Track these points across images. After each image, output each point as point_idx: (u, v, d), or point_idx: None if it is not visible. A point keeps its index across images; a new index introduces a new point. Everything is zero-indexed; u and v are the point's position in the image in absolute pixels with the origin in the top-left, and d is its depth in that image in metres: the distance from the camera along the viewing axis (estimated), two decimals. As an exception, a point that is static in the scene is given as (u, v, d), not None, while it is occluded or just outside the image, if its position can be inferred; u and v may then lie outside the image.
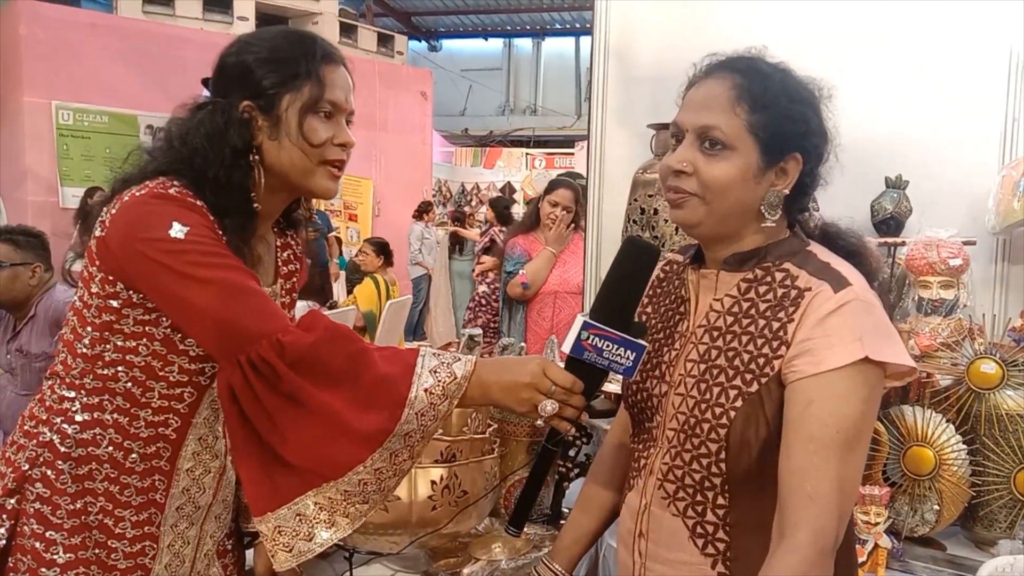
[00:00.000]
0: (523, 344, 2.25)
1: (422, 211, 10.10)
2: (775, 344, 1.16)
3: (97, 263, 1.31)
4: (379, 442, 1.21)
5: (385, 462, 1.23)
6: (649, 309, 1.39)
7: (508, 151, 14.99)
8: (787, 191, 1.21)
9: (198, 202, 1.29)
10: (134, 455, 1.35)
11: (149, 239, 1.23)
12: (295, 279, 1.55)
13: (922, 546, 1.91)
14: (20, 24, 7.64)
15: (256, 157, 1.34)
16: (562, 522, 2.01)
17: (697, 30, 2.57)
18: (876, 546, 1.80)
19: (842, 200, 1.44)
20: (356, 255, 7.33)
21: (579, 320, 1.22)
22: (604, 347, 1.21)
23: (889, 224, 2.36)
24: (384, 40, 11.38)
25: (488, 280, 7.62)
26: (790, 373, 1.14)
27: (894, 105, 2.40)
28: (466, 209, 12.45)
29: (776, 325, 1.17)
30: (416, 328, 9.31)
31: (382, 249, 6.65)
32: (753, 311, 1.20)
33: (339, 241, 6.96)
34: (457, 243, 9.55)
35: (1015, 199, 2.17)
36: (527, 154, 14.78)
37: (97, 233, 1.30)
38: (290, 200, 1.47)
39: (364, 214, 10.82)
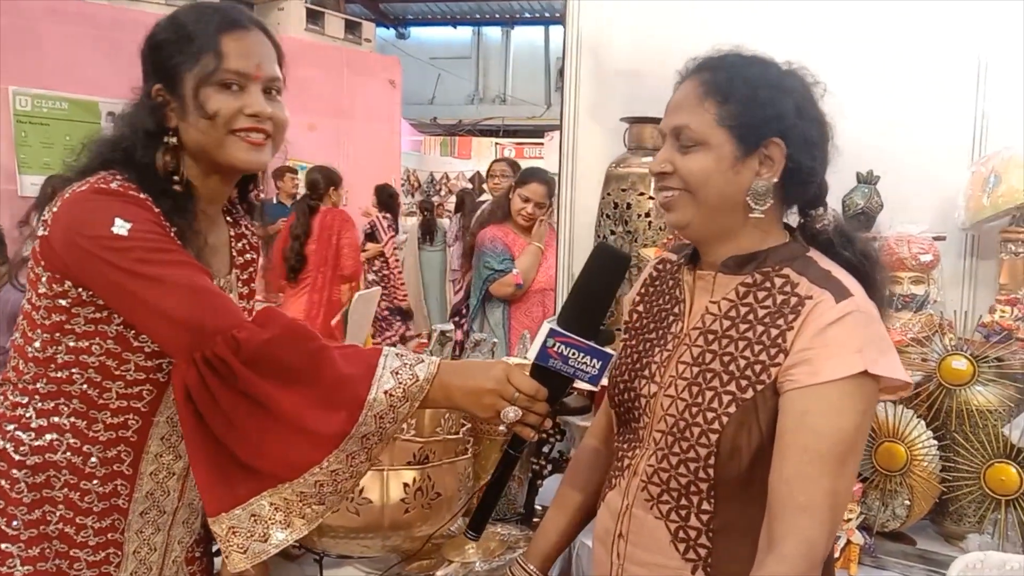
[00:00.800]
0: (495, 340, 2.22)
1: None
2: (773, 351, 1.15)
3: (42, 263, 1.27)
4: (335, 444, 1.19)
5: (341, 464, 1.21)
6: (641, 308, 1.37)
7: (478, 140, 14.91)
8: (775, 178, 1.19)
9: (142, 195, 1.25)
10: (94, 459, 1.31)
11: (92, 236, 1.20)
12: (252, 269, 1.52)
13: (892, 541, 1.93)
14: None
15: (175, 139, 1.31)
16: (535, 520, 2.01)
17: (671, 25, 2.56)
18: (849, 542, 1.81)
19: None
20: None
21: (545, 327, 1.21)
22: (570, 355, 1.20)
23: (860, 219, 2.36)
24: (352, 27, 11.24)
25: (375, 268, 7.57)
26: (786, 382, 1.13)
27: (865, 101, 2.40)
28: (435, 199, 12.37)
29: (775, 332, 1.16)
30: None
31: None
32: (751, 316, 1.19)
33: None
34: (427, 233, 9.49)
35: (984, 195, 2.19)
36: (497, 143, 14.71)
37: (40, 233, 1.26)
38: (229, 182, 1.43)
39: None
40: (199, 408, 1.18)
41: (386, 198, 7.89)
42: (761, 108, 1.18)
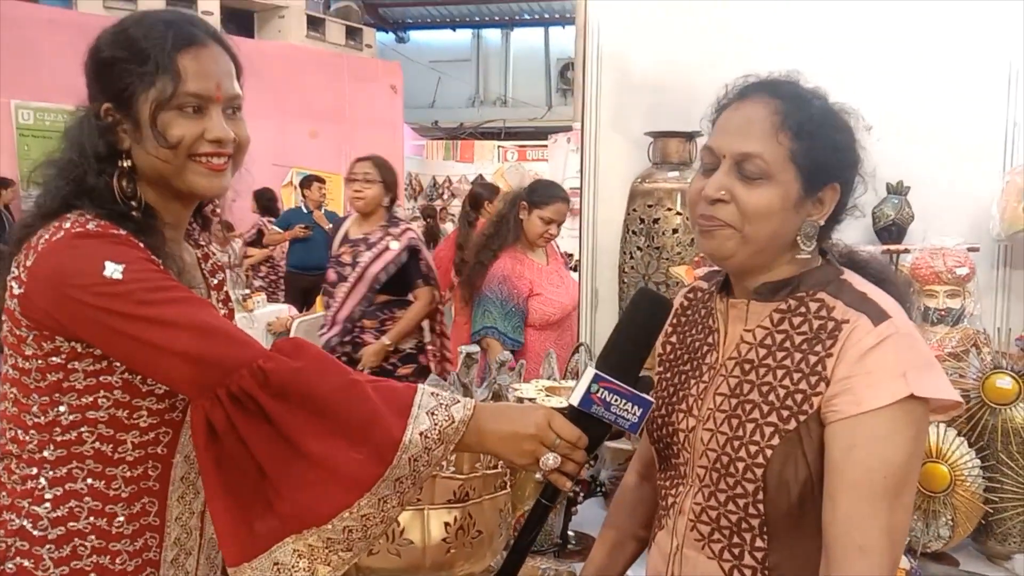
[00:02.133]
0: (523, 361, 2.18)
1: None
2: (813, 380, 1.11)
3: (24, 323, 1.17)
4: (367, 487, 1.11)
5: (373, 508, 1.13)
6: (674, 339, 1.33)
7: (480, 144, 14.89)
8: (822, 222, 1.16)
9: (121, 232, 1.17)
10: (119, 518, 1.23)
11: (83, 285, 1.11)
12: (225, 288, 1.45)
13: (935, 562, 1.89)
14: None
15: (128, 162, 1.22)
16: (569, 547, 1.97)
17: (693, 36, 2.52)
18: (894, 567, 1.77)
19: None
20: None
21: (589, 372, 1.16)
22: (613, 401, 1.15)
23: (891, 231, 2.33)
24: (352, 33, 11.23)
25: (262, 274, 7.48)
26: (830, 413, 1.09)
27: (894, 110, 2.36)
28: (437, 203, 12.35)
29: (813, 359, 1.11)
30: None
31: None
32: (788, 343, 1.15)
33: None
34: (431, 238, 9.46)
35: (1021, 205, 2.15)
36: (499, 146, 14.69)
37: (15, 291, 1.17)
38: (190, 206, 1.34)
39: (335, 210, 10.68)
40: (224, 446, 1.12)
41: (266, 202, 7.84)
42: (836, 153, 1.13)
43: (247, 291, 5.73)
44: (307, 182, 7.81)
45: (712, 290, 1.29)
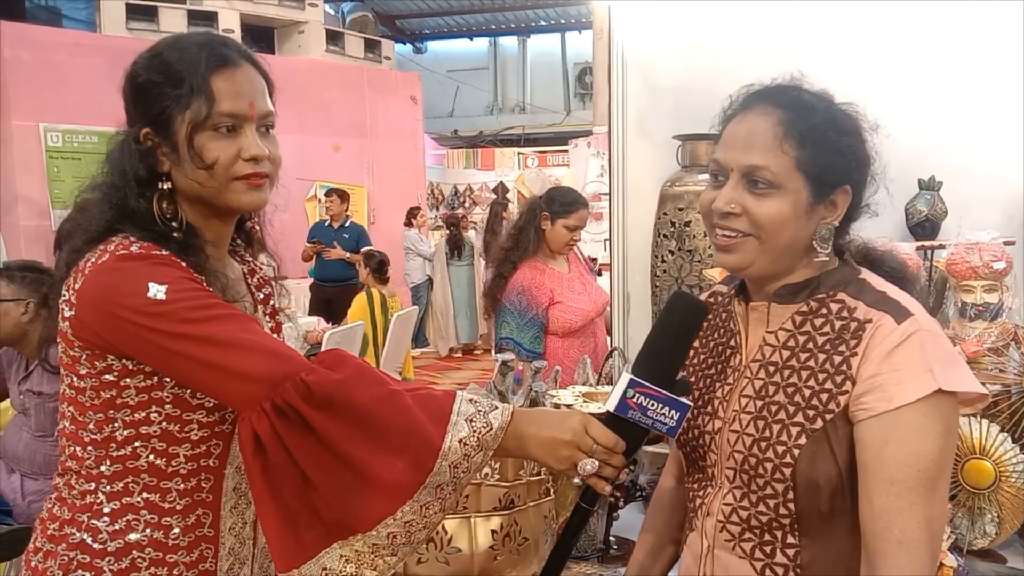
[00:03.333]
0: (558, 367, 2.19)
1: (410, 216, 10.02)
2: (838, 379, 1.12)
3: (76, 344, 1.21)
4: (410, 494, 1.14)
5: (416, 515, 1.16)
6: (697, 344, 1.34)
7: (500, 151, 14.92)
8: (837, 223, 1.17)
9: (164, 252, 1.21)
10: (175, 530, 1.26)
11: (129, 306, 1.15)
12: (273, 302, 1.47)
13: (982, 559, 1.87)
14: (3, 47, 7.55)
15: (168, 184, 1.25)
16: (612, 552, 1.98)
17: (717, 40, 2.52)
18: (941, 565, 1.76)
19: (875, 204, 1.40)
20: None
21: (624, 377, 1.17)
22: (649, 406, 1.16)
23: (925, 227, 2.32)
24: (371, 46, 11.29)
25: None
26: (859, 411, 1.09)
27: (923, 106, 2.35)
28: (459, 211, 12.39)
29: (838, 359, 1.12)
30: (418, 335, 9.24)
31: (375, 264, 6.35)
32: (811, 344, 1.16)
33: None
34: (455, 248, 9.48)
35: (1055, 197, 2.13)
36: (519, 153, 14.71)
37: (67, 314, 1.21)
38: (230, 222, 1.37)
39: (360, 222, 10.74)
40: (270, 457, 1.14)
41: None
42: (841, 157, 1.14)
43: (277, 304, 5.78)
44: (328, 194, 7.88)
45: (731, 293, 1.30)
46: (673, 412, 1.17)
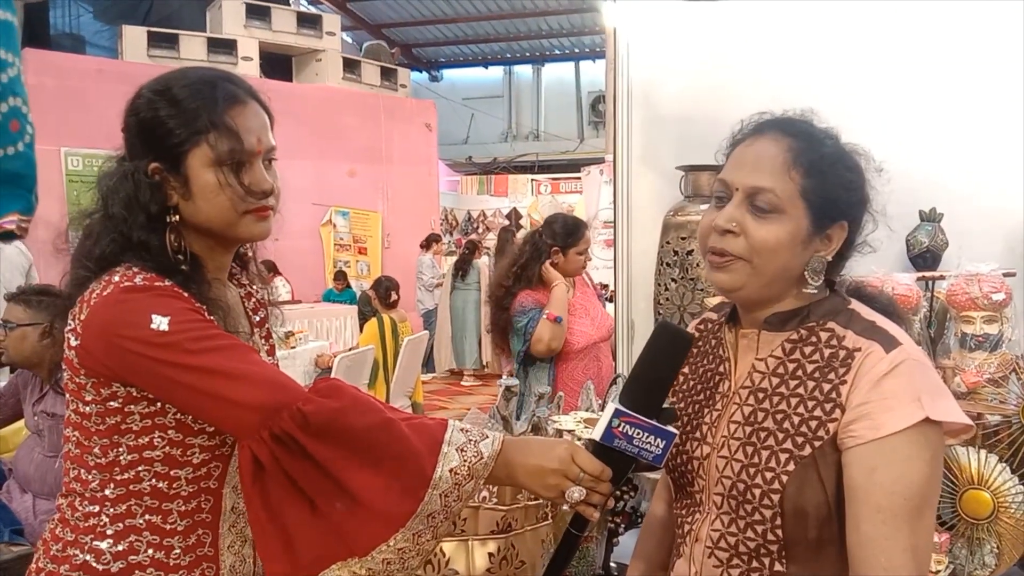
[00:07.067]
0: (561, 394, 2.21)
1: (429, 242, 10.08)
2: (828, 407, 1.14)
3: (82, 371, 1.25)
4: (402, 522, 1.18)
5: (408, 542, 1.19)
6: (687, 370, 1.36)
7: (513, 177, 15.02)
8: (830, 258, 1.20)
9: (167, 283, 1.25)
10: (176, 550, 1.30)
11: (133, 337, 1.18)
12: (268, 325, 1.51)
13: (982, 590, 1.87)
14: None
15: (176, 217, 1.28)
16: (612, 578, 1.98)
17: (721, 71, 2.56)
18: (939, 595, 1.76)
19: (876, 235, 1.43)
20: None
21: (610, 407, 1.20)
22: (635, 435, 1.19)
23: (926, 258, 2.34)
24: (387, 74, 11.42)
25: None
26: (848, 439, 1.11)
27: (925, 138, 2.38)
28: (473, 237, 12.45)
29: (827, 387, 1.14)
30: (428, 360, 9.24)
31: (382, 291, 6.38)
32: (800, 372, 1.18)
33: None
34: (460, 270, 9.50)
35: (1055, 230, 2.15)
36: (532, 180, 14.80)
37: (73, 343, 1.24)
38: (232, 251, 1.41)
39: (374, 247, 10.84)
40: (269, 482, 1.18)
41: None
42: (845, 191, 1.17)
43: (290, 328, 5.83)
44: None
45: (720, 320, 1.33)
46: (659, 441, 1.19)
